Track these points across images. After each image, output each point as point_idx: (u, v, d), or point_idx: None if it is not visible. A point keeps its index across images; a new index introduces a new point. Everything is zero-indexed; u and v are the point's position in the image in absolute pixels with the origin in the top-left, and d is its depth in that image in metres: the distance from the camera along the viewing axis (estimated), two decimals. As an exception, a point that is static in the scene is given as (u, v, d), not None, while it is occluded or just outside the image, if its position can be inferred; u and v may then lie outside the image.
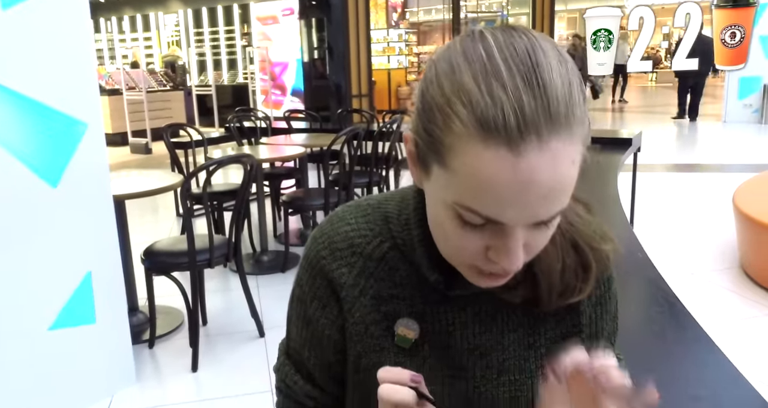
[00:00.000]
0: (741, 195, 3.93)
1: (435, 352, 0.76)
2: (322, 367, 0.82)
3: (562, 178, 0.55)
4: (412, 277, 0.76)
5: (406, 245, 0.76)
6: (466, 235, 0.61)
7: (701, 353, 1.34)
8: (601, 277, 0.76)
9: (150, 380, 2.72)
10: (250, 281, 3.30)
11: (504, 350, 0.76)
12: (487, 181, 0.54)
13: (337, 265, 0.78)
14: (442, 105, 0.57)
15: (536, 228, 0.60)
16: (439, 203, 0.62)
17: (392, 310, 0.76)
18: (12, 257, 2.19)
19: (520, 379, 0.76)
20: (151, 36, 14.27)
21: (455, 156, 0.56)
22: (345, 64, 9.88)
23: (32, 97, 2.18)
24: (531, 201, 0.55)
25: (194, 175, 2.87)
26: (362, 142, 4.64)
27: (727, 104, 10.96)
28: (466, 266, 0.66)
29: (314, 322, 0.81)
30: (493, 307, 0.76)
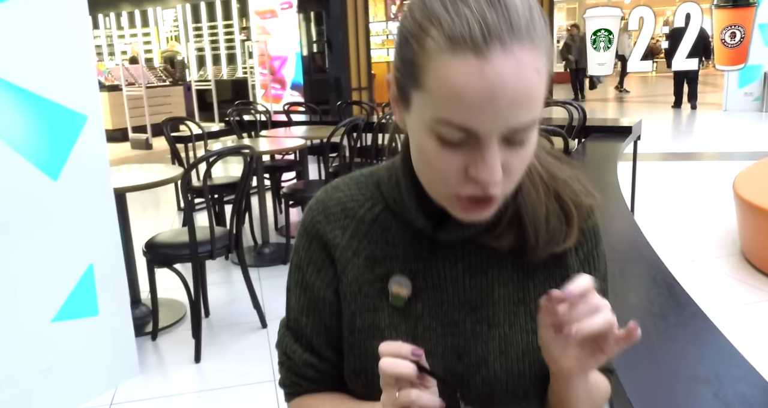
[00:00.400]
0: (741, 181, 3.93)
1: (428, 310, 0.78)
2: (319, 332, 0.84)
3: (528, 84, 0.59)
4: (405, 236, 0.79)
5: (396, 203, 0.79)
6: (446, 157, 0.64)
7: (700, 333, 1.34)
8: (585, 228, 0.80)
9: (153, 371, 2.73)
10: (252, 273, 3.31)
11: (494, 305, 0.78)
12: (458, 89, 0.59)
13: (331, 227, 0.81)
14: (415, 30, 0.63)
15: (511, 147, 0.63)
16: (419, 130, 0.66)
17: (386, 270, 0.79)
18: (14, 250, 2.20)
19: (510, 334, 0.78)
20: (150, 31, 14.25)
21: (429, 73, 0.61)
22: (344, 57, 9.88)
23: (31, 90, 2.18)
24: (500, 105, 0.59)
25: (195, 166, 2.88)
26: (362, 134, 4.65)
27: (728, 93, 10.95)
28: (450, 198, 0.68)
29: (311, 287, 0.83)
30: (483, 261, 0.78)
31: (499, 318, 0.78)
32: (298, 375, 0.87)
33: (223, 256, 4.00)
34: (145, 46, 13.74)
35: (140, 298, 3.28)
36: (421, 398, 0.63)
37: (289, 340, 0.87)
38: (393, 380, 0.64)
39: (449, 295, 0.78)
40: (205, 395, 2.53)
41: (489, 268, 0.78)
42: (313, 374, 0.86)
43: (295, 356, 0.86)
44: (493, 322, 0.78)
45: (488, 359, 0.78)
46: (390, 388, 0.65)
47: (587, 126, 4.39)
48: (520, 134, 0.63)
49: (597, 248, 0.82)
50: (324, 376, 0.86)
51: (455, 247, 0.78)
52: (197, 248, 2.77)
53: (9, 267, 2.20)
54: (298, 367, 0.86)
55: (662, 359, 1.25)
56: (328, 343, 0.84)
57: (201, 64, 12.90)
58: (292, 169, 5.12)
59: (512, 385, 0.78)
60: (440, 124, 0.62)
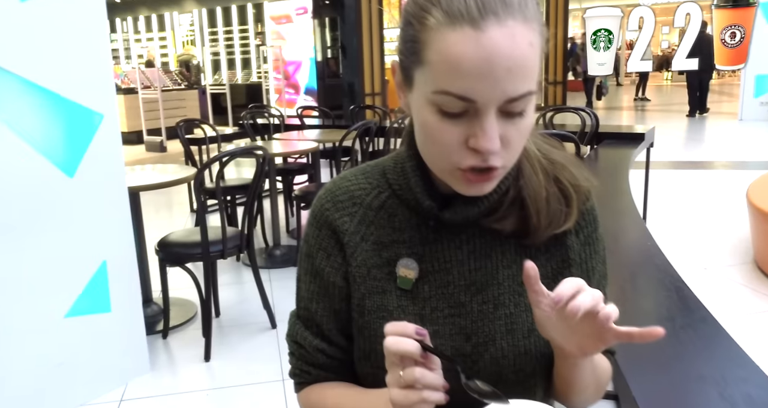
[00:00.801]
0: (755, 190, 3.91)
1: (435, 292, 0.81)
2: (329, 318, 0.86)
3: (522, 53, 0.63)
4: (411, 221, 0.82)
5: (402, 189, 0.81)
6: (447, 129, 0.67)
7: (707, 335, 1.34)
8: (584, 211, 0.83)
9: (163, 369, 2.75)
10: (263, 275, 3.33)
11: (499, 285, 0.81)
12: (457, 59, 0.63)
13: (339, 214, 0.84)
14: (416, 11, 0.67)
15: (509, 119, 0.67)
16: (422, 105, 0.69)
17: (393, 255, 0.81)
18: (29, 245, 2.23)
19: (516, 313, 0.81)
20: (166, 36, 14.39)
21: (430, 47, 0.65)
22: (358, 62, 9.92)
23: (49, 88, 2.22)
24: (497, 75, 0.63)
25: (208, 165, 2.90)
26: (374, 138, 4.66)
27: (743, 102, 10.88)
28: (452, 172, 0.71)
29: (321, 273, 0.85)
30: (487, 244, 0.81)
31: (504, 298, 0.81)
32: (309, 363, 0.88)
33: (234, 258, 4.06)
34: (161, 50, 13.87)
35: (152, 297, 3.31)
36: (425, 376, 0.64)
37: (299, 328, 0.89)
38: (397, 359, 0.65)
39: (455, 277, 0.81)
40: (214, 393, 2.55)
41: (492, 251, 0.81)
42: (323, 360, 0.87)
43: (306, 343, 0.88)
44: (499, 302, 0.81)
45: (495, 338, 0.80)
46: (395, 368, 0.66)
47: (600, 132, 4.39)
48: (517, 105, 0.66)
49: (596, 232, 0.85)
50: (334, 362, 0.87)
51: (460, 231, 0.81)
52: (209, 247, 2.80)
53: (24, 262, 2.23)
54: (309, 353, 0.88)
55: (669, 360, 1.26)
56: (338, 329, 0.86)
57: (216, 68, 13.01)
58: (304, 172, 5.15)
59: (519, 362, 0.80)
60: (441, 95, 0.65)
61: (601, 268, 0.86)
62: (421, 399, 0.64)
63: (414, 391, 0.65)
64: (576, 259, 0.83)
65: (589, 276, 0.84)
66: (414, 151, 0.79)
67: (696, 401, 1.11)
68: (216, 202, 4.37)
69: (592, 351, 0.71)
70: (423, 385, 0.64)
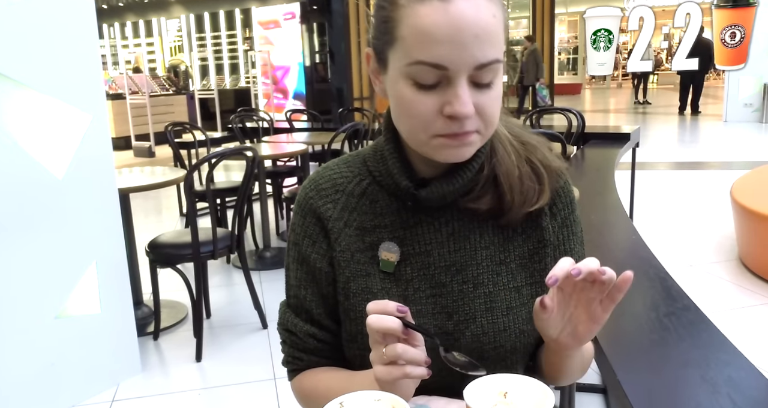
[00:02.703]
0: (739, 188, 3.96)
1: (417, 273, 0.84)
2: (318, 303, 0.88)
3: (487, 22, 0.69)
4: (392, 206, 0.85)
5: (382, 175, 0.85)
6: (422, 100, 0.71)
7: (691, 322, 1.37)
8: (560, 193, 0.87)
9: (155, 370, 2.76)
10: (253, 276, 3.34)
11: (478, 265, 0.84)
12: (427, 29, 0.68)
13: (323, 201, 0.87)
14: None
15: (480, 89, 0.71)
16: (396, 82, 0.73)
17: (376, 239, 0.85)
18: (19, 246, 2.23)
19: (494, 292, 0.84)
20: (154, 41, 14.36)
21: (402, 23, 0.71)
22: (346, 67, 9.95)
23: (38, 89, 2.23)
24: (465, 40, 0.68)
25: (198, 166, 2.91)
26: (363, 140, 4.69)
27: (728, 104, 11.01)
28: (429, 140, 0.74)
29: (307, 259, 0.88)
30: (465, 227, 0.84)
31: (483, 278, 0.84)
32: (300, 349, 0.90)
33: (224, 260, 4.06)
34: (149, 55, 13.84)
35: (143, 300, 3.31)
36: (408, 352, 0.66)
37: (290, 315, 0.91)
38: (380, 336, 0.67)
39: (435, 259, 0.84)
40: (206, 393, 2.56)
41: (471, 233, 0.84)
42: (314, 345, 0.89)
43: (297, 329, 0.90)
44: (478, 282, 0.84)
45: (476, 316, 0.83)
46: (378, 345, 0.68)
47: (586, 132, 4.43)
48: (486, 75, 0.71)
49: (573, 214, 0.89)
50: (325, 347, 0.90)
51: (439, 215, 0.84)
52: (200, 248, 2.81)
53: (14, 262, 2.23)
54: (300, 339, 0.90)
55: (654, 346, 1.29)
56: (326, 313, 0.89)
57: (204, 73, 12.99)
58: (293, 175, 5.17)
59: (499, 339, 0.83)
60: (415, 65, 0.70)
61: (579, 249, 0.90)
62: (404, 374, 0.67)
63: (397, 367, 0.67)
64: (552, 240, 0.86)
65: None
66: (391, 135, 0.83)
67: (679, 384, 1.13)
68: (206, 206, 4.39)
69: (588, 336, 0.73)
70: (406, 361, 0.67)
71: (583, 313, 0.72)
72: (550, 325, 0.73)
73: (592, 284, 0.69)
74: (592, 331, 0.73)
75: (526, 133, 0.88)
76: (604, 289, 0.69)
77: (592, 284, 0.69)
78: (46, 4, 2.23)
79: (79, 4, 2.35)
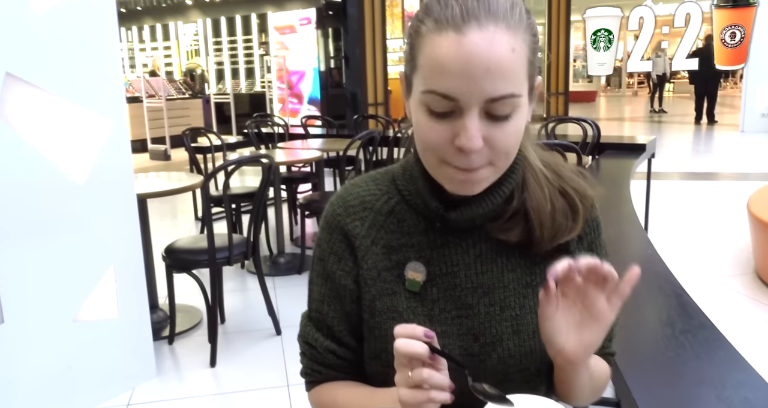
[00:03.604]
0: (756, 201, 3.94)
1: (443, 294, 0.84)
2: (340, 319, 0.89)
3: (501, 56, 0.68)
4: (419, 225, 0.85)
5: (411, 194, 0.85)
6: (435, 128, 0.72)
7: (707, 340, 1.37)
8: (589, 220, 0.87)
9: (169, 374, 2.78)
10: (267, 282, 3.36)
11: (504, 288, 0.84)
12: (440, 60, 0.69)
13: (351, 219, 0.88)
14: (414, 23, 0.74)
15: (494, 122, 0.71)
16: (415, 107, 0.75)
17: (402, 258, 0.85)
18: (40, 250, 2.27)
19: (521, 314, 0.84)
20: (171, 45, 14.48)
21: (421, 53, 0.72)
22: (361, 73, 9.98)
23: (60, 95, 2.26)
24: (476, 74, 0.68)
25: (214, 174, 2.94)
26: (378, 148, 4.71)
27: (745, 114, 10.93)
28: (440, 169, 0.76)
29: (332, 276, 0.88)
30: (492, 249, 0.84)
31: (510, 300, 0.84)
32: (320, 363, 0.91)
33: (238, 265, 4.09)
34: (165, 59, 13.96)
35: (158, 303, 3.34)
36: (433, 377, 0.67)
37: (311, 329, 0.92)
38: (406, 360, 0.68)
39: (462, 280, 0.84)
40: (220, 399, 2.57)
41: (498, 255, 0.85)
42: (333, 361, 0.90)
43: (317, 344, 0.91)
44: (505, 305, 0.84)
45: (502, 339, 0.84)
46: (403, 368, 0.69)
47: (601, 143, 4.42)
48: (500, 108, 0.70)
49: (599, 238, 0.90)
50: (344, 363, 0.90)
51: (466, 236, 0.84)
52: (215, 254, 2.83)
53: (34, 266, 2.26)
54: (320, 354, 0.91)
55: (669, 364, 1.29)
56: (348, 330, 0.89)
57: (220, 77, 13.07)
58: (308, 181, 5.19)
59: (525, 362, 0.84)
60: (428, 94, 0.71)
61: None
62: (429, 398, 0.68)
63: (422, 391, 0.68)
64: None
65: None
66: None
67: (693, 403, 1.14)
68: (220, 210, 4.42)
69: (595, 342, 0.74)
70: (430, 386, 0.68)
71: (588, 317, 0.73)
72: (556, 329, 0.74)
73: (594, 285, 0.71)
74: (599, 336, 0.74)
75: (561, 162, 0.88)
76: (607, 288, 0.71)
77: (594, 285, 0.71)
78: (69, 12, 2.26)
79: (101, 12, 2.38)
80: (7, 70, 2.10)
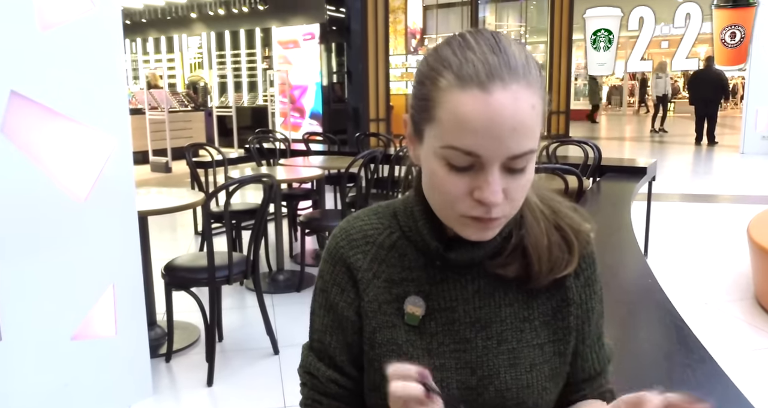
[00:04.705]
0: (756, 226, 3.94)
1: (441, 328, 0.86)
2: (342, 350, 0.90)
3: (524, 115, 0.70)
4: (419, 261, 0.87)
5: (411, 231, 0.87)
6: (454, 181, 0.74)
7: (706, 375, 1.37)
8: (585, 255, 0.88)
9: (166, 393, 2.77)
10: (266, 300, 3.35)
11: (502, 322, 0.86)
12: (465, 117, 0.70)
13: (354, 252, 0.89)
14: (429, 72, 0.75)
15: (511, 175, 0.74)
16: (431, 158, 0.76)
17: (402, 291, 0.87)
18: (39, 267, 2.27)
19: (518, 348, 0.86)
20: (175, 57, 14.55)
21: (441, 106, 0.72)
22: (363, 88, 10.03)
23: (63, 113, 2.27)
24: (501, 133, 0.70)
25: (215, 194, 2.95)
26: (379, 166, 4.72)
27: (746, 135, 10.96)
28: (457, 219, 0.78)
29: (335, 307, 0.90)
30: (490, 284, 0.86)
31: (507, 334, 0.86)
32: (321, 393, 0.92)
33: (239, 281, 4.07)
34: (169, 71, 14.02)
35: (156, 320, 3.33)
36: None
37: (312, 359, 0.93)
38: (402, 402, 0.69)
39: (460, 315, 0.86)
40: (216, 419, 2.56)
41: (495, 290, 0.86)
42: (335, 390, 0.91)
43: (319, 373, 0.91)
44: (502, 338, 0.86)
45: (499, 372, 0.85)
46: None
47: (602, 165, 4.44)
48: (520, 162, 0.73)
49: (594, 273, 0.91)
50: (345, 393, 0.91)
51: (465, 272, 0.86)
52: (215, 273, 2.83)
53: (33, 283, 2.26)
54: (322, 384, 0.91)
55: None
56: (350, 361, 0.90)
57: (223, 90, 13.14)
58: (309, 198, 5.20)
59: (522, 395, 0.85)
60: (449, 150, 0.72)
61: (599, 308, 0.92)
62: None
63: None
64: (575, 299, 0.88)
65: (589, 316, 0.90)
66: (422, 197, 0.85)
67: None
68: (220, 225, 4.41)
69: None
70: None
71: None
72: None
73: None
74: None
75: (556, 198, 0.90)
76: None
77: None
78: (74, 29, 2.28)
79: (106, 29, 2.40)
80: (11, 87, 2.12)
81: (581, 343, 0.90)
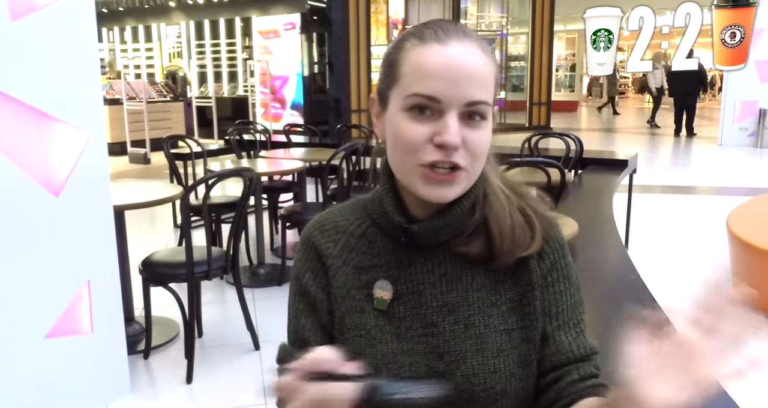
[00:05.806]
0: (735, 219, 3.97)
1: (409, 312, 0.87)
2: (316, 332, 0.92)
3: (479, 65, 0.80)
4: (387, 246, 0.90)
5: (379, 216, 0.91)
6: (415, 129, 0.79)
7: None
8: (549, 238, 0.89)
9: (144, 391, 2.72)
10: (246, 294, 3.31)
11: (469, 307, 0.87)
12: (425, 66, 0.79)
13: (325, 240, 0.93)
14: (395, 43, 0.85)
15: (469, 125, 0.79)
16: (395, 117, 0.82)
17: (372, 278, 0.90)
18: (12, 264, 2.21)
19: (485, 333, 0.86)
20: (153, 47, 14.34)
21: (404, 63, 0.81)
22: (345, 79, 9.96)
23: (36, 106, 2.21)
24: (458, 78, 0.78)
25: (194, 187, 2.89)
26: (361, 158, 4.68)
27: (723, 127, 11.06)
28: (418, 170, 0.80)
29: (308, 291, 0.93)
30: (458, 268, 0.88)
31: (474, 319, 0.87)
32: None
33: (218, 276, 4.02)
34: (147, 61, 13.81)
35: (134, 316, 3.28)
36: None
37: (288, 348, 0.94)
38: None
39: (428, 299, 0.88)
40: (195, 417, 2.53)
41: (463, 275, 0.88)
42: None
43: (291, 358, 0.88)
44: (469, 323, 0.86)
45: (466, 357, 0.85)
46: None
47: (584, 158, 4.44)
48: (476, 110, 0.79)
49: (564, 259, 0.91)
50: None
51: (432, 256, 0.88)
52: (194, 269, 2.78)
53: (6, 281, 2.21)
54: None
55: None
56: (324, 343, 0.89)
57: (202, 80, 12.97)
58: (290, 191, 5.15)
59: (489, 381, 0.85)
60: (411, 98, 0.79)
61: (576, 295, 0.90)
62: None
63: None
64: (539, 282, 0.88)
65: (556, 298, 0.88)
66: (388, 181, 0.89)
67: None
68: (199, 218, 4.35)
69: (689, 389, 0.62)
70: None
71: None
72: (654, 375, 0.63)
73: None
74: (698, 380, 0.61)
75: (523, 186, 0.93)
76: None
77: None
78: (46, 21, 2.21)
79: (79, 21, 2.33)
80: (-19, 80, 2.05)
81: (549, 325, 0.88)
